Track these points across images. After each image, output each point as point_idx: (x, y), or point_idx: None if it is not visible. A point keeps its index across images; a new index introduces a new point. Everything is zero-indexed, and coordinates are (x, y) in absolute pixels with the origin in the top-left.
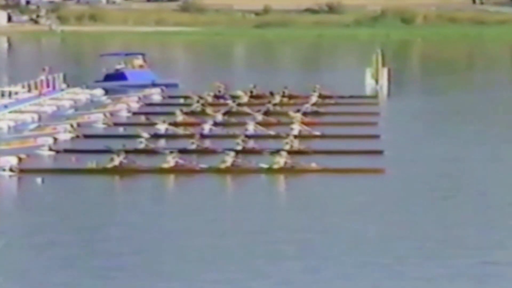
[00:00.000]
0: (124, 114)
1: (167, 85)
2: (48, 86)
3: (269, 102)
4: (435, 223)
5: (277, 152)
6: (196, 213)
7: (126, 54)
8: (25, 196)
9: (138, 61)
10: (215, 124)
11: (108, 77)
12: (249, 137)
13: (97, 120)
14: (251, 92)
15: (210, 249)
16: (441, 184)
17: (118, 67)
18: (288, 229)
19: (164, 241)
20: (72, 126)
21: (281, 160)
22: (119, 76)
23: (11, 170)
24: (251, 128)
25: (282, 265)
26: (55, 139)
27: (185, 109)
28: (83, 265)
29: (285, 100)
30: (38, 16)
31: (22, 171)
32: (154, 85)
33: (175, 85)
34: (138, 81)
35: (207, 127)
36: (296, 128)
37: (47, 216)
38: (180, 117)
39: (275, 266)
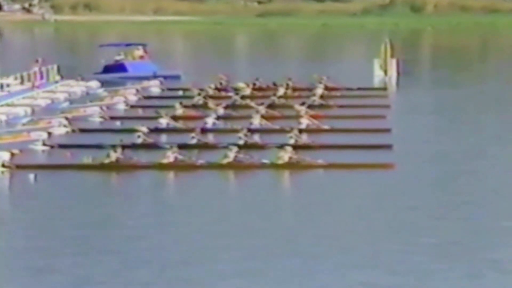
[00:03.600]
0: (121, 107)
1: (169, 77)
2: (41, 78)
3: (274, 94)
4: (446, 220)
5: (281, 146)
6: (197, 211)
7: (126, 45)
8: (18, 193)
9: (139, 52)
10: (217, 117)
11: (107, 69)
12: (252, 131)
13: (93, 114)
14: (254, 84)
15: (212, 248)
16: (454, 179)
17: (117, 58)
18: (293, 228)
19: (163, 240)
20: (67, 120)
21: (285, 155)
22: (119, 67)
23: (3, 165)
24: (254, 121)
25: (286, 265)
26: (49, 134)
27: (185, 102)
28: (78, 264)
29: (289, 92)
30: (30, 5)
31: (14, 167)
32: (155, 77)
33: (177, 77)
34: (138, 73)
35: (208, 121)
36: (301, 122)
37: (41, 214)
38: (179, 111)
39: (279, 266)
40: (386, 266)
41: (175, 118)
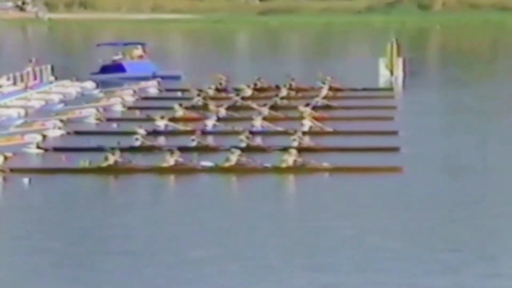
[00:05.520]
0: (118, 109)
1: (169, 77)
2: (35, 78)
3: (276, 95)
4: (456, 226)
5: (285, 149)
6: (198, 215)
7: (125, 44)
8: (11, 197)
9: (138, 51)
10: (217, 119)
11: (105, 69)
12: (254, 133)
13: (89, 116)
14: (255, 84)
15: (213, 254)
16: (463, 183)
17: (115, 58)
18: (297, 233)
19: (163, 246)
20: (62, 121)
21: (289, 158)
22: (117, 67)
23: None
24: (256, 123)
25: (291, 271)
26: (44, 136)
27: (185, 103)
28: (74, 270)
29: (292, 93)
30: (23, 2)
31: (8, 170)
32: (155, 77)
33: (177, 77)
34: (137, 73)
35: (209, 123)
36: (305, 124)
37: (35, 220)
38: (179, 112)
39: (281, 272)
40: (394, 271)
41: (174, 119)
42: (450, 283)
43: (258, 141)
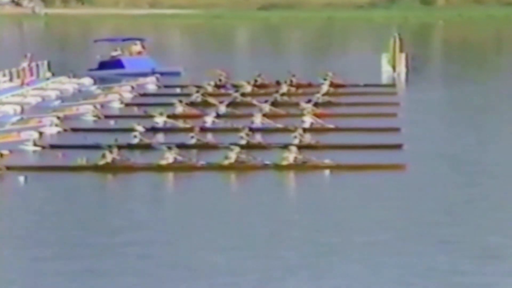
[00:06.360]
0: (116, 106)
1: (168, 73)
2: (31, 74)
3: (276, 92)
4: (460, 225)
5: (285, 146)
6: (197, 214)
7: (123, 40)
8: (7, 196)
9: (136, 47)
10: (217, 116)
11: (103, 65)
12: (254, 130)
13: (86, 112)
14: (255, 81)
15: (213, 253)
16: (468, 180)
17: (114, 53)
18: (298, 232)
19: (161, 245)
20: (58, 118)
21: (290, 155)
22: (115, 63)
23: None
24: (257, 120)
25: (291, 270)
26: (40, 133)
27: (183, 100)
28: (71, 270)
29: (293, 89)
30: None
31: (4, 168)
32: (154, 73)
33: (177, 73)
34: (136, 69)
35: (208, 120)
36: (306, 121)
37: (31, 218)
38: (178, 109)
39: (281, 270)
40: (396, 268)
41: (173, 116)
42: (452, 280)
43: (258, 138)
